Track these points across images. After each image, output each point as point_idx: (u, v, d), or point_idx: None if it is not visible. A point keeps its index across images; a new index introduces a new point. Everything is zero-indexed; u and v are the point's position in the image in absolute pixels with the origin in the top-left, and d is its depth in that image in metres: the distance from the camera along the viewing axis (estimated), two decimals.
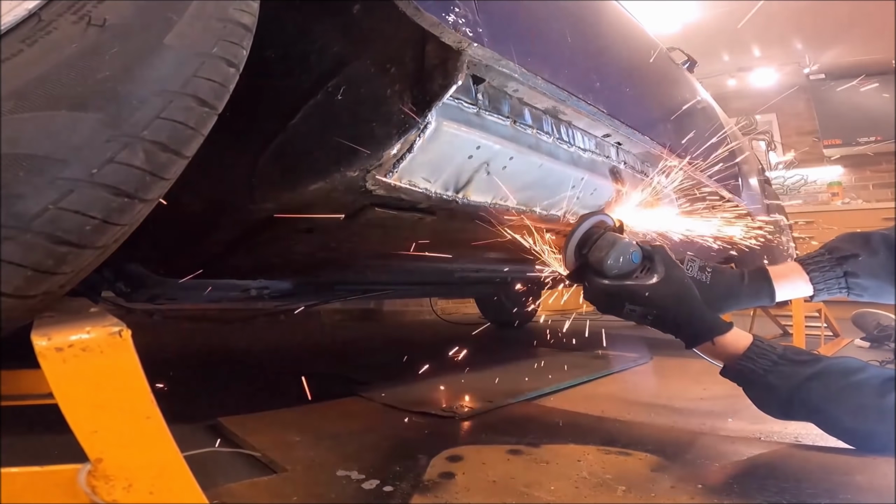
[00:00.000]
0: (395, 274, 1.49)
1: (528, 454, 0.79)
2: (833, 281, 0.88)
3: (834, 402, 0.74)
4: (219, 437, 0.89)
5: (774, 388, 0.77)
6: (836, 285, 0.88)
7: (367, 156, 0.64)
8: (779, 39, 4.26)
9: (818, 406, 0.74)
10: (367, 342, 2.45)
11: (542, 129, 0.88)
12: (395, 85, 0.66)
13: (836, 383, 0.74)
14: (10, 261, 0.37)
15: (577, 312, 1.51)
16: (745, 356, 0.79)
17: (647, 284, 0.81)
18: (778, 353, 0.78)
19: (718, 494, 0.64)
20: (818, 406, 0.74)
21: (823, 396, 0.74)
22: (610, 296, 0.83)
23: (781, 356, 0.77)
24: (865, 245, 0.88)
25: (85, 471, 0.36)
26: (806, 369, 0.75)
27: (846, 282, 0.88)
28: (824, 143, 4.68)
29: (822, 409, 0.75)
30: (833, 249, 0.90)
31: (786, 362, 0.77)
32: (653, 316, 0.81)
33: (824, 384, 0.74)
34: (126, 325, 0.38)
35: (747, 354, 0.79)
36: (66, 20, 0.42)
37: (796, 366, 0.76)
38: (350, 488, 0.66)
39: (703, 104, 1.79)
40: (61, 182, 0.39)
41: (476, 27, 0.64)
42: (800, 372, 0.75)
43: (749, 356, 0.79)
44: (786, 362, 0.77)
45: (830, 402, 0.74)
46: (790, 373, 0.76)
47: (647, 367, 1.66)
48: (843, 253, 0.89)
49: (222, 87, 0.48)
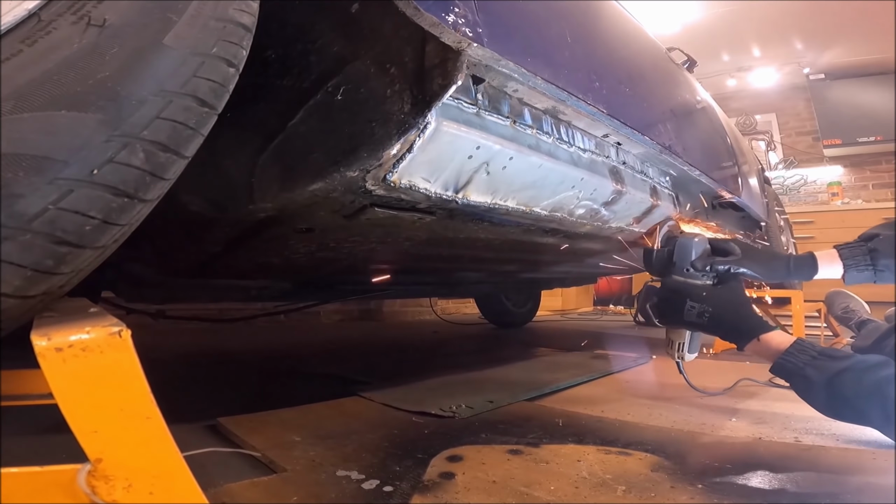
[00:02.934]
0: (397, 274, 1.49)
1: (528, 454, 0.79)
2: (860, 258, 0.95)
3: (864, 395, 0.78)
4: (219, 437, 0.90)
5: (811, 381, 0.82)
6: (863, 262, 0.95)
7: (366, 156, 0.64)
8: (779, 39, 4.26)
9: (849, 398, 0.79)
10: (367, 342, 2.45)
11: (541, 129, 0.88)
12: (394, 85, 0.66)
13: (867, 377, 0.78)
14: (10, 261, 0.37)
15: (577, 313, 1.53)
16: (788, 352, 0.86)
17: (707, 285, 0.95)
18: (817, 350, 0.85)
19: (718, 494, 0.64)
20: (849, 398, 0.79)
21: (855, 390, 0.78)
22: (676, 292, 0.96)
23: (820, 353, 0.84)
24: (886, 226, 0.95)
25: (85, 471, 0.36)
26: (839, 364, 0.81)
27: (871, 259, 0.94)
28: (824, 142, 4.68)
29: (853, 402, 0.79)
30: (863, 234, 0.97)
31: (822, 357, 0.83)
32: (708, 314, 0.93)
33: (856, 377, 0.78)
34: (126, 325, 0.38)
35: (789, 350, 0.86)
36: (66, 20, 0.42)
37: (831, 360, 0.82)
38: (350, 488, 0.66)
39: (703, 104, 1.79)
40: (61, 182, 0.39)
41: (476, 27, 0.64)
42: (833, 366, 0.81)
43: (791, 352, 0.86)
44: (822, 357, 0.83)
45: (861, 395, 0.78)
46: (825, 367, 0.82)
47: (647, 367, 1.66)
48: (868, 234, 0.96)
49: (222, 87, 0.48)
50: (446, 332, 2.75)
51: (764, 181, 2.51)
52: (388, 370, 1.58)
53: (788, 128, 5.11)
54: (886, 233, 0.94)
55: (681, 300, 0.95)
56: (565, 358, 1.81)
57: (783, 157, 4.99)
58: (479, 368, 1.55)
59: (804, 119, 5.01)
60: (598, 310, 4.39)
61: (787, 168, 4.88)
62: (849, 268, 0.95)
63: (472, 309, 3.54)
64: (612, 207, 1.11)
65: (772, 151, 4.97)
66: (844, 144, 4.60)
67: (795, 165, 4.87)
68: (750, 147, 2.67)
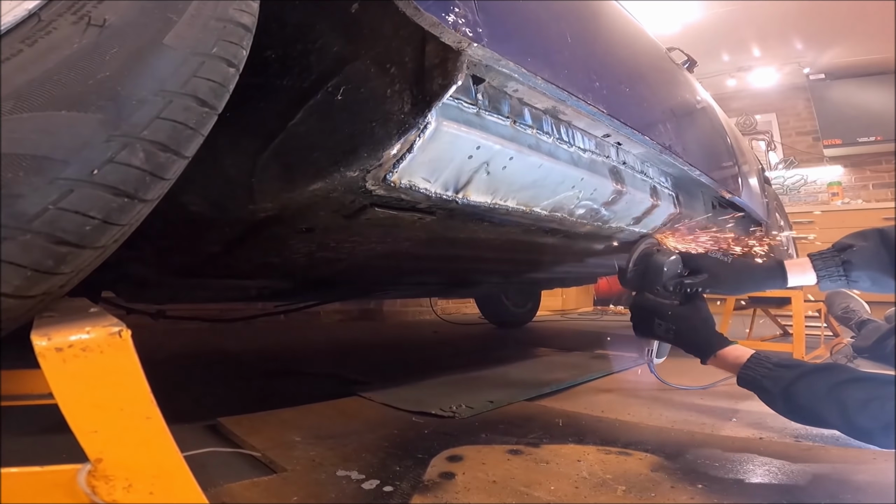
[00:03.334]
0: (399, 273, 1.49)
1: (528, 454, 0.79)
2: (833, 269, 0.97)
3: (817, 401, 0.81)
4: (219, 437, 0.90)
5: (769, 392, 0.86)
6: (836, 273, 0.97)
7: (366, 156, 0.64)
8: (779, 39, 4.26)
9: (804, 405, 0.82)
10: (367, 342, 2.45)
11: (541, 129, 0.88)
12: (395, 85, 0.66)
13: (816, 384, 0.82)
14: (10, 261, 0.37)
15: (577, 313, 1.54)
16: (746, 366, 0.91)
17: (671, 304, 1.01)
18: (773, 361, 0.89)
19: (718, 494, 0.64)
20: (804, 405, 0.82)
21: (807, 397, 0.82)
22: (645, 310, 1.03)
23: (776, 364, 0.88)
24: (860, 237, 0.97)
25: (85, 471, 0.36)
26: (791, 373, 0.85)
27: (844, 270, 0.96)
28: (824, 142, 4.68)
29: (809, 408, 0.82)
30: (837, 243, 0.99)
31: (777, 368, 0.87)
32: (673, 332, 0.99)
33: (807, 385, 0.82)
34: (126, 325, 0.38)
35: (747, 364, 0.91)
36: (66, 20, 0.42)
37: (785, 370, 0.86)
38: (350, 488, 0.66)
39: (703, 104, 1.79)
40: (61, 182, 0.39)
41: (476, 27, 0.64)
42: (786, 375, 0.85)
43: (749, 365, 0.91)
44: (777, 368, 0.87)
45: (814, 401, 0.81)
46: (779, 376, 0.86)
47: (647, 367, 1.66)
48: (842, 244, 0.98)
49: (222, 87, 0.48)
50: (446, 332, 2.75)
51: (764, 181, 2.50)
52: (388, 370, 1.58)
53: (788, 128, 5.11)
54: (860, 244, 0.95)
55: (650, 316, 1.02)
56: (565, 358, 1.81)
57: (783, 157, 4.99)
58: (479, 368, 1.55)
59: (804, 119, 5.01)
60: (598, 310, 4.39)
61: (787, 168, 4.88)
62: (822, 278, 0.98)
63: (472, 309, 3.54)
64: (613, 207, 1.11)
65: (772, 151, 4.97)
66: (844, 144, 4.60)
67: (795, 165, 4.87)
68: (750, 147, 2.67)
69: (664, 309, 1.01)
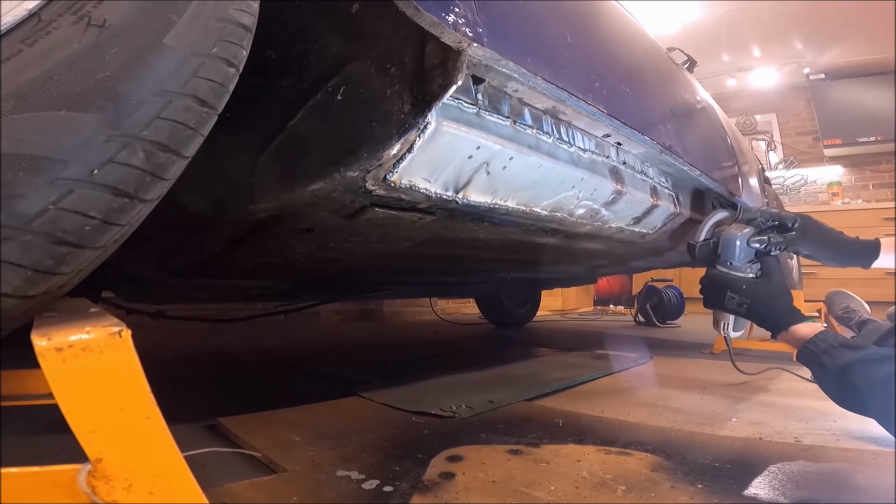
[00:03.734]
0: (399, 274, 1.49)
1: (528, 454, 0.79)
2: None
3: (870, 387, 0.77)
4: (219, 437, 0.90)
5: (826, 368, 0.82)
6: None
7: (366, 156, 0.64)
8: (779, 39, 4.26)
9: (858, 388, 0.78)
10: (367, 342, 2.45)
11: (542, 129, 0.88)
12: (395, 85, 0.66)
13: (876, 369, 0.77)
14: (10, 261, 0.37)
15: (577, 313, 1.53)
16: (811, 340, 0.87)
17: (747, 278, 0.99)
18: (838, 340, 0.85)
19: (718, 494, 0.64)
20: (858, 388, 0.78)
21: (864, 380, 0.77)
22: (718, 283, 1.01)
23: (840, 343, 0.84)
24: None
25: (85, 471, 0.36)
26: (853, 354, 0.80)
27: None
28: (824, 142, 4.68)
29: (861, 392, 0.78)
30: None
31: (840, 347, 0.83)
32: (746, 305, 0.97)
33: (866, 368, 0.77)
34: (126, 325, 0.38)
35: (812, 339, 0.87)
36: (66, 20, 0.42)
37: (847, 350, 0.81)
38: (350, 488, 0.66)
39: (703, 104, 1.79)
40: (61, 182, 0.39)
41: (476, 27, 0.64)
42: (848, 355, 0.80)
43: (813, 340, 0.87)
44: (840, 347, 0.83)
45: (867, 386, 0.77)
46: (840, 355, 0.81)
47: (647, 367, 1.66)
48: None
49: (222, 88, 0.47)
50: (446, 332, 2.75)
51: (764, 181, 2.50)
52: (387, 370, 1.58)
53: (788, 128, 5.11)
54: None
55: (722, 290, 1.00)
56: (565, 358, 1.81)
57: (783, 157, 4.99)
58: (479, 368, 1.55)
59: (804, 119, 5.01)
60: (598, 310, 4.39)
61: (788, 168, 4.88)
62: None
63: (472, 309, 3.54)
64: (613, 207, 1.11)
65: (772, 151, 4.97)
66: (844, 144, 4.60)
67: (795, 165, 4.87)
68: (750, 147, 2.67)
69: (738, 283, 0.99)
